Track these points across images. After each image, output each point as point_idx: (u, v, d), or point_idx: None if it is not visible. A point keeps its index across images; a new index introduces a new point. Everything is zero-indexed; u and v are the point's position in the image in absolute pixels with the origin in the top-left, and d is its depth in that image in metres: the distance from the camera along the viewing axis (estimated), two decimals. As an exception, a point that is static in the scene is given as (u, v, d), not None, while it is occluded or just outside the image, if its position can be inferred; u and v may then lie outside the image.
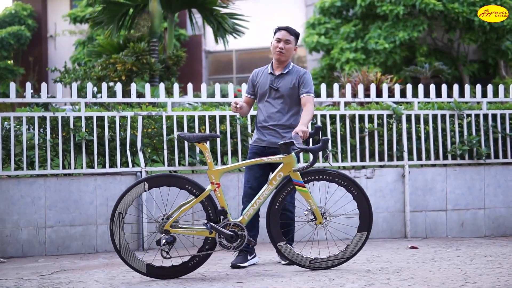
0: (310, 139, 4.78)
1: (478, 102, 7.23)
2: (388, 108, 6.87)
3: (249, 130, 6.54)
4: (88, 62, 12.79)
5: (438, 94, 7.31)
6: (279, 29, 5.23)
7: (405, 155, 6.79)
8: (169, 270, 4.72)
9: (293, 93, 5.16)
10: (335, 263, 4.85)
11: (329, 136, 6.63)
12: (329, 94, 7.04)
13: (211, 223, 4.66)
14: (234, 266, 5.06)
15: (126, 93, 8.94)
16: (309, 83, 5.16)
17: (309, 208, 4.82)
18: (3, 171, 6.08)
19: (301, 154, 5.39)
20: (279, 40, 5.18)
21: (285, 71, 5.19)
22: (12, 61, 21.88)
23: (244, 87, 6.84)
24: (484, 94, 7.35)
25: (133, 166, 6.31)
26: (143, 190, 4.65)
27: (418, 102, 7.00)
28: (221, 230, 4.65)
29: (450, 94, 7.39)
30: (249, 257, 5.15)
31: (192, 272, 4.75)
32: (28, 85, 6.35)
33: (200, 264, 4.76)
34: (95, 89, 9.58)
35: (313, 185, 4.92)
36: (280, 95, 5.16)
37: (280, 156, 4.78)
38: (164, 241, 4.62)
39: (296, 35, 5.25)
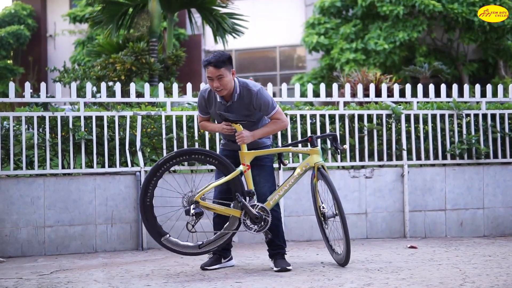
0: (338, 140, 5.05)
1: (477, 102, 7.24)
2: (387, 108, 6.87)
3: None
4: (87, 62, 12.79)
5: (437, 94, 7.30)
6: (205, 65, 4.69)
7: (404, 154, 6.79)
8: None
9: (252, 113, 4.84)
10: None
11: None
12: (329, 94, 7.03)
13: (242, 199, 4.73)
14: (202, 268, 4.98)
15: (125, 92, 8.93)
16: (267, 103, 4.78)
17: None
18: (2, 170, 6.07)
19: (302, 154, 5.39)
20: (211, 79, 4.68)
21: (235, 99, 4.78)
22: (11, 61, 21.89)
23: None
24: (483, 94, 7.35)
25: (132, 165, 6.31)
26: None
27: (417, 102, 6.99)
28: (249, 209, 4.72)
29: (449, 94, 7.39)
30: (222, 260, 5.06)
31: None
32: (27, 85, 6.35)
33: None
34: (94, 88, 9.58)
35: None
36: (241, 120, 4.82)
37: (308, 148, 4.99)
38: (193, 211, 4.66)
39: (225, 61, 4.67)
